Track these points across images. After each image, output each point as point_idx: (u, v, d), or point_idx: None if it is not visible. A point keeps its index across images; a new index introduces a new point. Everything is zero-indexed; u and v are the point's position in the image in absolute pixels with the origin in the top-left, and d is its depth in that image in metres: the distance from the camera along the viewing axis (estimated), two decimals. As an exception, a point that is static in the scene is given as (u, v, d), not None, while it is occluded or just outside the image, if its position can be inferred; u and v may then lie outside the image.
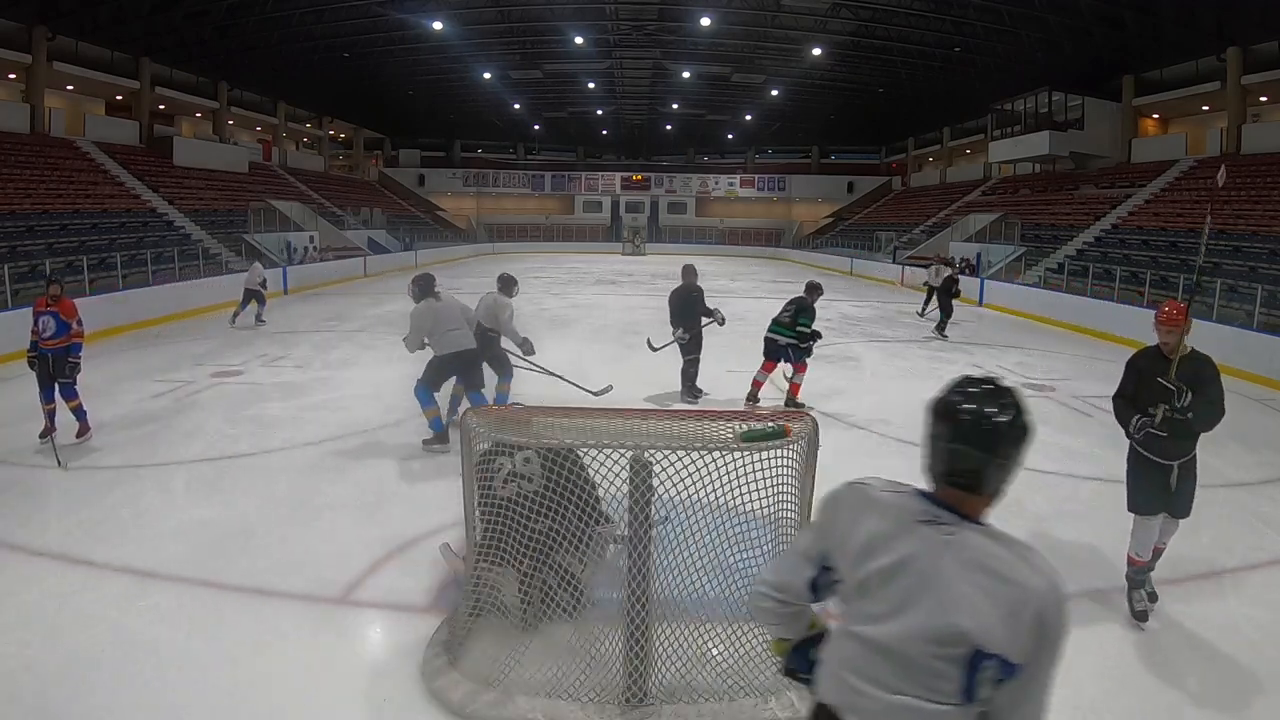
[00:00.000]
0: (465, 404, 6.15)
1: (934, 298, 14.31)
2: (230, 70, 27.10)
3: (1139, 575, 3.76)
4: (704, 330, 7.99)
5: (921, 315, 15.30)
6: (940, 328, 13.27)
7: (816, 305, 7.64)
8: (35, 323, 6.23)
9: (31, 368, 6.25)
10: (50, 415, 6.11)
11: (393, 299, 17.29)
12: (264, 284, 13.32)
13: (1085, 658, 3.31)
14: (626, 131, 46.01)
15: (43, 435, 6.12)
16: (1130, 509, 3.76)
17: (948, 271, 14.21)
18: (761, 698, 2.96)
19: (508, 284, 7.02)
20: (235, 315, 12.94)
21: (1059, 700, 1.43)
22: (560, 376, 7.23)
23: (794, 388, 7.63)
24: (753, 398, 7.63)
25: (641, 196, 45.74)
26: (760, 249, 41.31)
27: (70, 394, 6.26)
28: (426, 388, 6.13)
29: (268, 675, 3.16)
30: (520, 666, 3.10)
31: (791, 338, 7.42)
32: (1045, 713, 1.37)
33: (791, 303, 7.61)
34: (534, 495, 3.22)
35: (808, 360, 7.61)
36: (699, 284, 7.98)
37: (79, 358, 6.29)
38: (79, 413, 6.34)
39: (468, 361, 6.26)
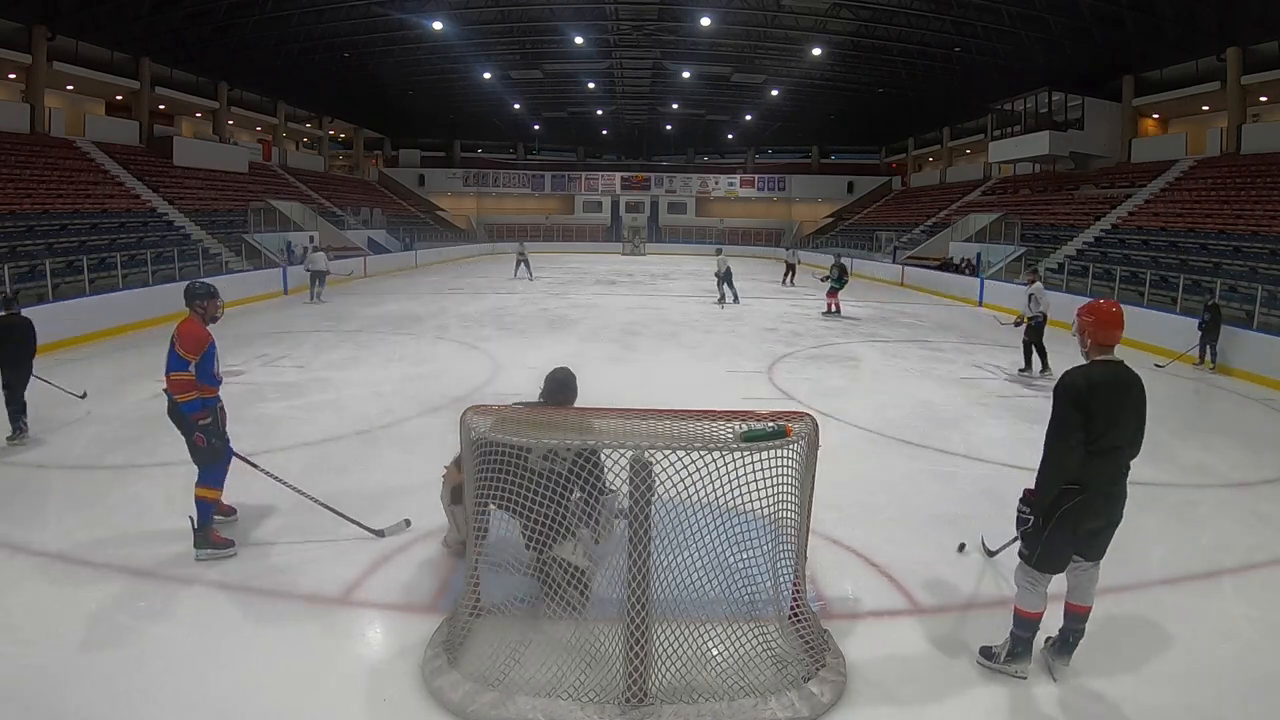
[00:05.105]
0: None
1: (792, 272, 22.96)
2: (230, 70, 27.10)
3: None
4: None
5: (782, 284, 22.20)
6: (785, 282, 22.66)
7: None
8: (213, 359, 4.45)
9: (211, 439, 4.28)
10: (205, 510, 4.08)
11: (393, 298, 17.31)
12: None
13: (1085, 657, 3.31)
14: (626, 131, 46.02)
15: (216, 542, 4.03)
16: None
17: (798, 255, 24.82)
18: (761, 698, 2.95)
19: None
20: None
21: (1059, 702, 1.43)
22: None
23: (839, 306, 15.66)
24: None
25: (641, 196, 45.73)
26: (761, 249, 41.28)
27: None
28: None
29: (268, 675, 3.16)
30: (520, 666, 3.10)
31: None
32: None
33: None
34: (556, 476, 3.23)
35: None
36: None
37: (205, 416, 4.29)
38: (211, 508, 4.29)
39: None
